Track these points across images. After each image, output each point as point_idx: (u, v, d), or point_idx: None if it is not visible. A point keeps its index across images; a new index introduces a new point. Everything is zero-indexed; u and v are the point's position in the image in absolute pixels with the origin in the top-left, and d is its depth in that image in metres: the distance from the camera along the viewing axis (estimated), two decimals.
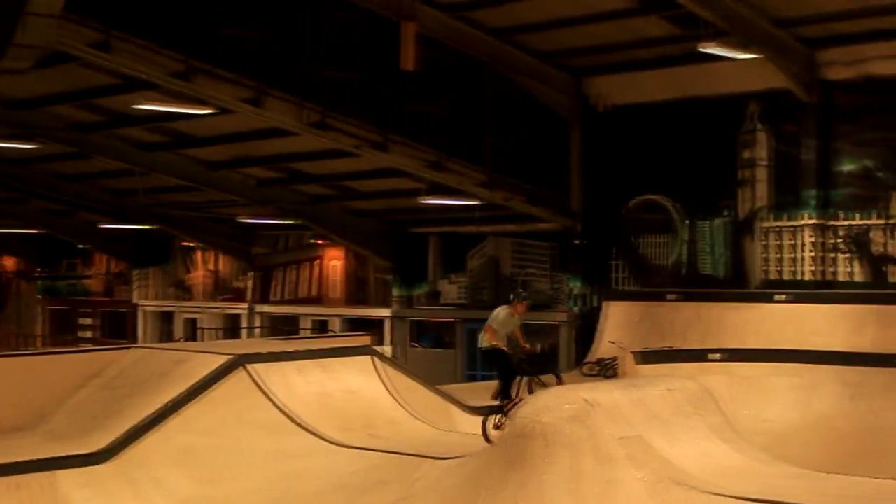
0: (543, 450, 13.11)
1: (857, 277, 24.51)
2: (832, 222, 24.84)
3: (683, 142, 27.00)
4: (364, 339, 21.71)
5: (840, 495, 12.65)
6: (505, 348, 15.69)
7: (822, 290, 24.13)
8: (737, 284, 25.94)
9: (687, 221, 27.11)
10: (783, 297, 23.56)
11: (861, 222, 24.50)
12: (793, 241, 25.31)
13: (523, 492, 12.94)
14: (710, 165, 26.63)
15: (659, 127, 27.34)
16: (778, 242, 25.57)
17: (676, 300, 25.16)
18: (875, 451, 19.33)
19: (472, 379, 29.39)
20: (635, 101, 27.62)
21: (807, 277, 24.97)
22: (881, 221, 24.24)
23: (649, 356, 21.38)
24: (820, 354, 21.42)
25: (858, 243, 24.52)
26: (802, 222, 25.10)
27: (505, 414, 15.10)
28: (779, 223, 25.59)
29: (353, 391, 17.82)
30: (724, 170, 26.37)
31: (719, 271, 26.61)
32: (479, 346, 15.78)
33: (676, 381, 15.32)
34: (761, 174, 25.82)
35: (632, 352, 21.89)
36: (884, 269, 24.20)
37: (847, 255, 24.71)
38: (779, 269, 25.54)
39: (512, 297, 15.40)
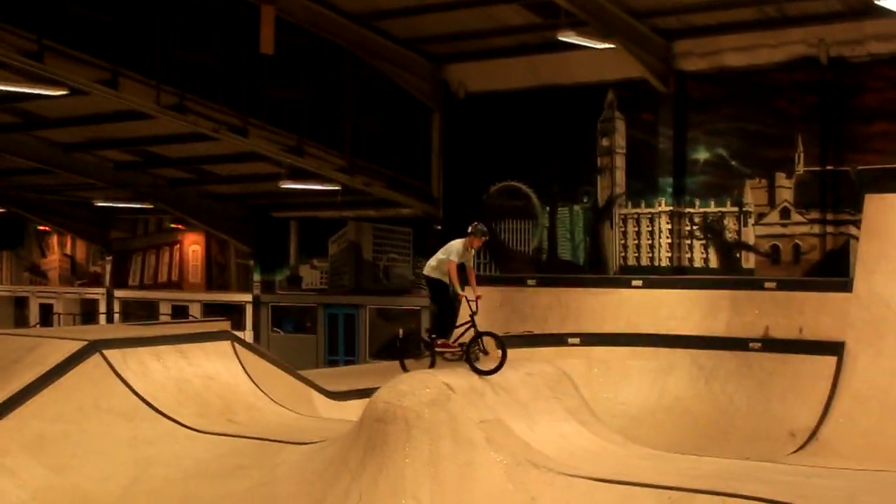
0: (403, 434, 13.11)
1: (712, 263, 25.10)
2: (687, 210, 25.39)
3: (543, 129, 27.28)
4: (223, 325, 21.46)
5: (692, 475, 12.90)
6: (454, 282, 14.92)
7: (677, 276, 24.65)
8: (596, 270, 26.35)
9: (547, 208, 27.41)
10: (640, 282, 23.96)
11: (715, 210, 25.07)
12: (650, 228, 25.78)
13: (383, 475, 12.92)
14: (570, 153, 26.97)
15: (519, 114, 27.58)
16: (636, 229, 26.03)
17: (536, 285, 25.39)
18: (727, 431, 19.84)
19: (334, 364, 29.36)
20: (496, 89, 27.81)
21: (663, 263, 25.48)
22: (734, 209, 24.85)
23: (509, 341, 21.39)
24: (675, 338, 21.87)
25: (713, 230, 25.10)
26: (659, 209, 25.60)
27: (432, 353, 14.73)
28: (636, 210, 26.04)
29: (211, 377, 17.59)
30: (584, 157, 26.73)
31: (579, 257, 26.98)
32: (427, 273, 15.03)
33: (535, 365, 15.45)
34: (619, 162, 26.24)
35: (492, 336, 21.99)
36: (737, 255, 24.83)
37: (702, 242, 25.28)
38: (636, 254, 26.02)
39: (470, 230, 14.87)
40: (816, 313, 21.10)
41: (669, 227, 25.43)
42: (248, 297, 33.00)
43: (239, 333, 22.36)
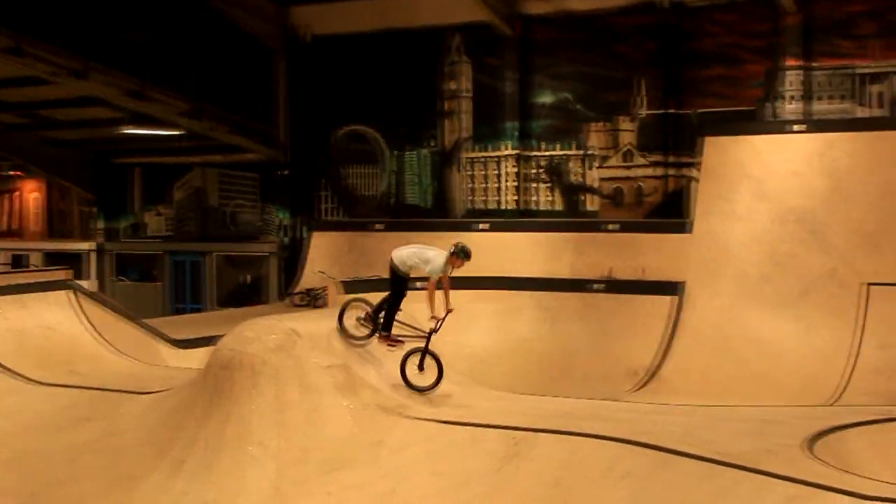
0: (249, 381, 13.05)
1: (557, 206, 25.44)
2: (533, 153, 25.64)
3: (390, 73, 27.19)
4: (65, 274, 20.97)
5: (535, 415, 13.14)
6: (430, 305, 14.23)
7: (522, 219, 24.92)
8: (442, 214, 26.48)
9: (394, 152, 27.39)
10: (486, 225, 24.18)
11: (560, 153, 25.37)
12: (496, 171, 25.98)
13: (230, 422, 12.85)
14: (417, 97, 26.96)
15: (365, 58, 27.42)
16: (482, 172, 26.20)
17: (383, 230, 25.44)
18: (571, 372, 20.20)
19: (180, 312, 28.98)
20: (341, 32, 27.59)
21: (509, 206, 25.73)
22: (578, 152, 25.19)
23: (356, 285, 21.52)
24: (520, 281, 22.13)
25: (557, 173, 25.42)
26: (505, 153, 25.81)
27: (372, 332, 14.00)
28: (482, 154, 26.21)
29: (52, 327, 17.27)
30: (429, 101, 26.76)
31: (426, 201, 27.06)
32: (397, 264, 14.23)
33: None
34: (465, 105, 26.34)
35: (339, 281, 22.01)
36: (581, 197, 25.20)
37: (547, 185, 25.57)
38: (483, 198, 26.21)
39: (453, 250, 14.10)
40: (657, 254, 21.59)
41: (515, 170, 25.67)
42: (91, 246, 32.27)
43: (82, 283, 21.92)
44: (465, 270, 22.59)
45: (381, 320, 13.93)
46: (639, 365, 20.08)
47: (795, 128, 21.69)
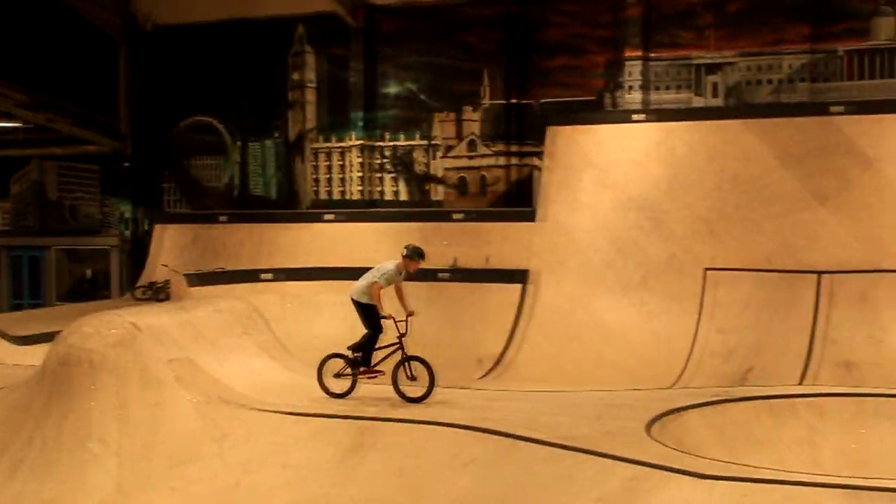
0: (88, 377, 12.77)
1: (402, 196, 25.48)
2: (378, 143, 25.63)
3: (234, 63, 26.90)
4: None
5: (382, 404, 13.14)
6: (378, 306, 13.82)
7: (368, 209, 24.90)
8: (289, 205, 26.30)
9: (238, 143, 27.11)
10: (332, 216, 24.09)
11: (405, 143, 25.42)
12: (341, 162, 25.91)
13: (69, 420, 12.57)
14: (261, 87, 26.72)
15: (209, 48, 27.08)
16: (328, 163, 26.10)
17: (229, 222, 25.17)
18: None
19: (18, 308, 28.25)
20: (185, 22, 27.21)
21: (355, 197, 25.68)
22: (423, 142, 25.26)
23: (200, 278, 21.27)
24: (366, 271, 22.00)
25: (403, 163, 25.47)
26: (350, 143, 25.75)
27: (354, 375, 13.62)
28: (328, 144, 26.11)
29: None
30: (275, 92, 26.55)
31: (272, 192, 26.85)
32: (355, 297, 13.80)
33: (225, 302, 15.34)
34: (311, 96, 26.21)
35: (184, 274, 21.70)
36: (426, 187, 25.29)
37: (392, 175, 25.60)
38: (328, 188, 26.10)
39: (405, 252, 13.74)
40: (502, 243, 21.78)
41: (361, 160, 25.64)
42: None
43: None
44: (313, 261, 22.68)
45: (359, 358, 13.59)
46: (486, 353, 20.22)
47: (636, 117, 22.09)
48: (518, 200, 23.91)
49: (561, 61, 24.14)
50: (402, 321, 13.26)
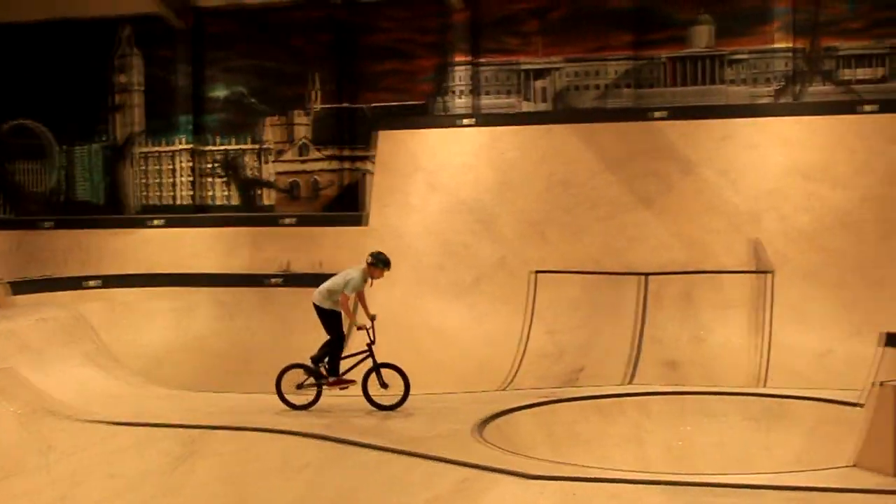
0: None
1: (233, 201, 25.22)
2: (207, 147, 25.34)
3: (57, 65, 26.25)
4: None
5: (210, 412, 13.05)
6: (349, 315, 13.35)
7: (198, 214, 24.59)
8: (116, 210, 25.77)
9: (63, 147, 26.48)
10: (161, 221, 23.73)
11: (235, 147, 25.19)
12: (170, 166, 25.53)
13: None
14: (86, 90, 26.13)
15: (31, 49, 26.38)
16: (156, 167, 25.69)
17: (53, 228, 24.55)
18: (251, 367, 20.07)
19: None
20: (4, 21, 26.42)
21: (185, 202, 25.32)
22: (254, 146, 25.07)
23: (24, 286, 20.69)
24: (197, 277, 21.84)
25: (233, 167, 25.22)
26: (179, 147, 25.40)
27: (319, 386, 13.44)
28: (156, 148, 25.69)
29: None
30: (101, 94, 25.99)
31: (99, 197, 26.28)
32: (317, 302, 13.40)
33: (49, 311, 15.05)
34: (136, 99, 25.75)
35: (6, 282, 21.10)
36: (257, 192, 25.09)
37: (223, 179, 25.33)
38: (157, 193, 25.69)
39: (370, 260, 13.27)
40: (335, 247, 21.76)
41: (190, 164, 25.31)
42: None
43: None
44: (141, 268, 22.31)
45: (326, 367, 13.21)
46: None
47: (465, 122, 22.32)
48: (350, 205, 23.90)
49: (390, 66, 24.24)
50: (369, 328, 13.09)
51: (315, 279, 21.19)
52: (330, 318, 13.48)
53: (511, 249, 20.62)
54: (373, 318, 13.35)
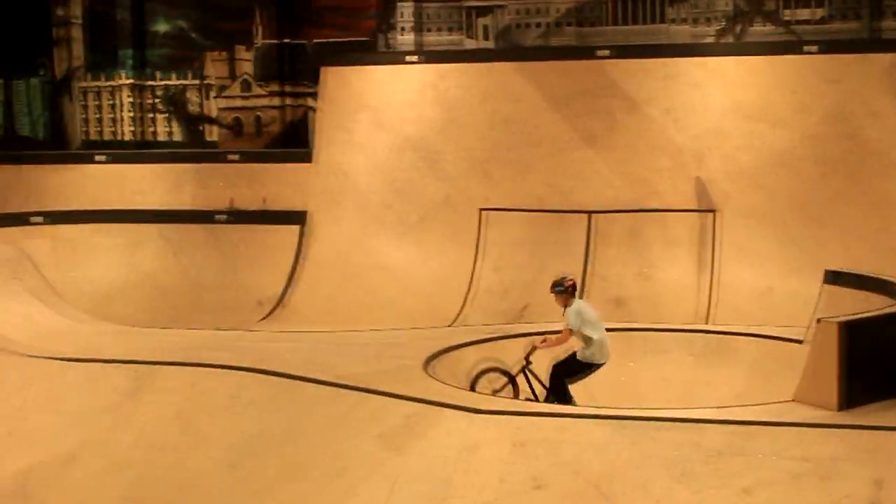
0: None
1: (176, 137, 25.05)
2: (149, 82, 25.11)
3: None
4: None
5: (158, 348, 13.09)
6: None
7: (142, 150, 24.41)
8: (57, 146, 25.48)
9: (1, 81, 26.11)
10: (104, 157, 23.51)
11: (177, 83, 24.98)
12: (112, 102, 25.28)
13: None
14: (24, 23, 25.72)
15: None
16: (97, 103, 25.43)
17: None
18: (198, 304, 20.11)
19: None
20: None
21: (127, 138, 25.12)
22: (196, 82, 24.87)
23: None
24: (142, 213, 21.73)
25: (176, 103, 25.02)
26: (120, 82, 25.13)
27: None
28: (97, 83, 25.41)
29: None
30: (39, 28, 25.60)
31: (38, 133, 25.99)
32: None
33: None
34: (77, 33, 25.39)
35: None
36: (200, 128, 24.94)
37: (165, 115, 25.14)
38: (99, 129, 25.46)
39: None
40: (279, 184, 21.72)
41: (132, 100, 25.06)
42: None
43: None
44: (85, 203, 22.13)
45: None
46: (266, 295, 20.22)
47: (409, 59, 22.23)
48: (294, 142, 23.81)
49: (333, 2, 24.08)
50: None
51: (260, 216, 21.35)
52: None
53: (456, 187, 20.68)
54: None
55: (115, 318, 16.34)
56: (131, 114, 25.07)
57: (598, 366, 12.55)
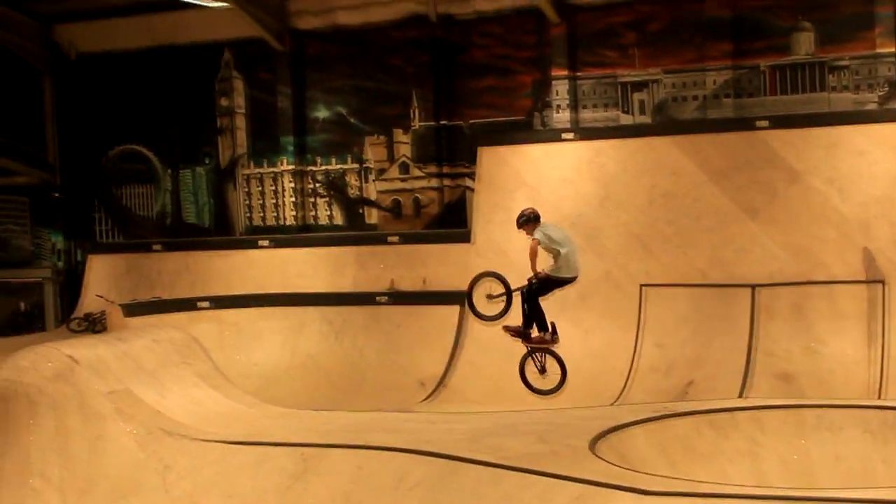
0: (27, 411, 12.64)
1: (337, 220, 25.49)
2: (310, 168, 25.64)
3: (162, 90, 26.80)
4: None
5: (324, 430, 13.15)
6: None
7: (303, 234, 24.87)
8: (222, 232, 26.19)
9: (169, 170, 26.98)
10: (267, 242, 24.02)
11: (337, 167, 25.44)
12: (274, 187, 25.86)
13: (8, 456, 12.45)
14: (190, 114, 26.63)
15: (136, 75, 26.96)
16: (259, 189, 26.04)
17: (162, 250, 25.02)
18: (359, 385, 20.25)
19: None
20: (109, 49, 27.06)
21: (289, 222, 25.64)
22: (355, 165, 25.30)
23: (137, 308, 21.10)
24: (304, 296, 22.05)
25: (335, 187, 25.47)
26: (282, 168, 25.73)
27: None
28: (259, 170, 26.06)
29: None
30: (204, 118, 26.48)
31: (204, 219, 26.73)
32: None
33: (163, 332, 15.25)
34: (240, 122, 26.16)
35: (119, 304, 21.52)
36: (360, 211, 25.31)
37: (326, 199, 25.60)
38: (262, 214, 26.05)
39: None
40: (439, 264, 21.83)
41: (293, 185, 25.62)
42: None
43: None
44: (249, 287, 22.59)
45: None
46: (427, 375, 20.24)
47: (565, 136, 22.25)
48: (452, 222, 24.00)
49: (488, 82, 24.31)
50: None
51: (420, 297, 21.45)
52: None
53: (616, 263, 20.50)
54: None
55: (278, 401, 16.46)
56: (293, 199, 25.59)
57: (568, 280, 13.69)
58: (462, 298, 21.00)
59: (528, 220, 13.58)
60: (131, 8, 26.20)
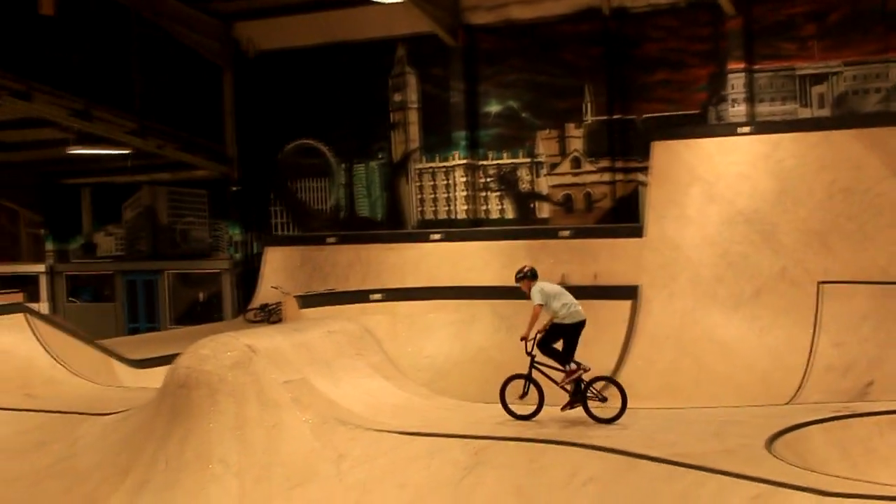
0: (208, 399, 12.99)
1: (508, 214, 25.53)
2: (482, 162, 25.73)
3: (337, 86, 27.22)
4: (16, 297, 20.84)
5: (496, 423, 13.18)
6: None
7: (475, 228, 24.98)
8: (394, 225, 26.49)
9: (343, 165, 27.39)
10: (439, 235, 24.21)
11: (509, 161, 25.48)
12: (446, 181, 26.03)
13: (190, 441, 12.79)
14: (363, 109, 26.99)
15: (312, 71, 27.46)
16: (432, 183, 26.24)
17: (336, 243, 25.43)
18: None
19: (135, 332, 28.79)
20: (286, 46, 27.61)
21: (461, 216, 25.77)
22: (527, 160, 25.29)
23: (312, 300, 21.49)
24: (475, 290, 22.14)
25: (507, 181, 25.51)
26: (454, 163, 25.87)
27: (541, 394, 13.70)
28: (431, 164, 26.26)
29: (6, 351, 17.11)
30: (377, 113, 26.80)
31: (377, 213, 27.07)
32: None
33: (337, 324, 15.49)
34: (413, 117, 26.40)
35: (294, 296, 21.95)
36: (531, 205, 25.30)
37: (497, 193, 25.65)
38: (434, 208, 26.25)
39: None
40: (610, 259, 21.69)
41: (465, 179, 25.74)
42: (41, 268, 31.94)
43: (34, 305, 21.74)
44: (421, 280, 22.80)
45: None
46: (598, 370, 20.02)
47: (741, 130, 21.85)
48: (624, 216, 23.81)
49: (661, 76, 24.03)
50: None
51: (592, 291, 21.29)
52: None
53: (793, 259, 20.05)
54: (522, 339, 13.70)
55: (448, 393, 16.56)
56: (464, 193, 25.72)
57: (579, 324, 13.61)
58: (634, 292, 20.92)
59: (526, 277, 13.80)
60: (308, 5, 26.70)
